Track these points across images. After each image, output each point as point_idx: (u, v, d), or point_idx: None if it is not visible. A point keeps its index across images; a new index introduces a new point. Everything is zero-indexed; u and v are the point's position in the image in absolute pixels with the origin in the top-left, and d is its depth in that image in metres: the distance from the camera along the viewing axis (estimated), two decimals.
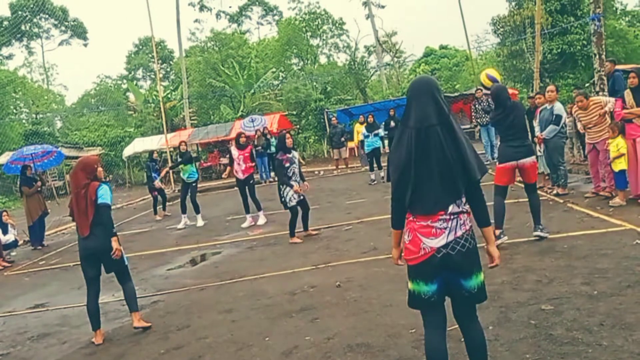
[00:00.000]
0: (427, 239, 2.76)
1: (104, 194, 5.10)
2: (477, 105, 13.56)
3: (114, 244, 5.08)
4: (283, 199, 8.31)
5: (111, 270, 5.29)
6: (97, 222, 5.06)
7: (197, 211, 11.61)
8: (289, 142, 8.37)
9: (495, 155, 13.07)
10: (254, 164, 10.73)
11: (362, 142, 14.78)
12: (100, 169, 5.33)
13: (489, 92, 8.26)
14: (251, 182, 10.49)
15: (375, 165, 13.92)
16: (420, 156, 2.72)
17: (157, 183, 13.87)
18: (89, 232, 5.09)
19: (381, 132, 14.58)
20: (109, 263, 5.18)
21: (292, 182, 8.19)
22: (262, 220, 10.56)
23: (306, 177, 15.65)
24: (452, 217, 2.76)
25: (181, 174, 11.93)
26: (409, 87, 2.88)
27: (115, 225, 5.30)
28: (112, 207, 5.96)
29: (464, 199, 2.81)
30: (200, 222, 11.57)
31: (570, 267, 5.17)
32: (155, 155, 16.10)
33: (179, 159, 11.98)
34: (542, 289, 4.72)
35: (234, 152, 10.58)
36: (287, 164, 8.25)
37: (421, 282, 2.82)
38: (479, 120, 13.62)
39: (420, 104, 2.76)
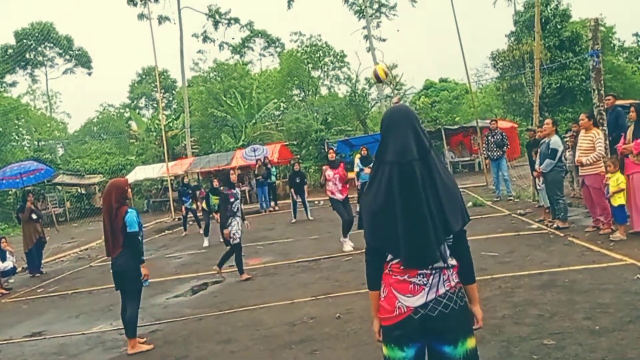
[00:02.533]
0: (403, 296, 2.32)
1: (132, 222, 5.37)
2: (490, 138, 13.14)
3: (143, 270, 5.51)
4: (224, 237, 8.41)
5: (123, 289, 5.56)
6: (126, 246, 5.40)
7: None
8: (233, 177, 8.54)
9: (512, 191, 13.12)
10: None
11: (357, 174, 14.71)
12: (129, 190, 5.68)
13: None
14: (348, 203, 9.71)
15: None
16: (400, 196, 2.27)
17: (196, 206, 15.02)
18: (115, 254, 5.41)
19: None
20: (124, 283, 5.50)
21: (234, 221, 8.33)
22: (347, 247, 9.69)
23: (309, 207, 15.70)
24: (434, 271, 2.32)
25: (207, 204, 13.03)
26: (385, 118, 2.47)
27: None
28: None
29: (448, 252, 2.37)
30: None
31: (572, 301, 5.15)
32: (186, 179, 16.85)
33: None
34: (544, 323, 4.69)
35: (329, 172, 9.77)
36: (232, 199, 8.35)
37: (396, 347, 2.35)
38: (489, 154, 13.21)
39: (398, 135, 2.35)
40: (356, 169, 14.65)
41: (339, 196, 9.63)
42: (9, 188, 16.55)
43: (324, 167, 10.20)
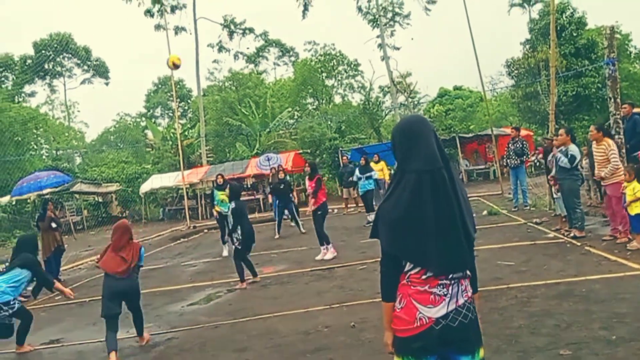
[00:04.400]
0: (424, 307, 2.31)
1: (143, 256, 6.26)
2: (510, 146, 12.94)
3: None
4: None
5: (133, 308, 6.15)
6: (134, 272, 6.08)
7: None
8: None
9: (528, 201, 13.00)
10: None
11: (356, 183, 14.60)
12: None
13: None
14: (319, 212, 10.15)
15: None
16: (433, 203, 2.27)
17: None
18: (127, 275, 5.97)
19: (375, 174, 14.16)
20: (133, 301, 6.10)
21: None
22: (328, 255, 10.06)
23: None
24: (452, 282, 2.33)
25: (218, 207, 12.53)
26: (405, 127, 2.46)
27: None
28: None
29: None
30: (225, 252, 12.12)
31: (589, 311, 5.10)
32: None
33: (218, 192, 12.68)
34: (561, 333, 4.66)
35: (307, 182, 10.68)
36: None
37: (413, 359, 2.35)
38: (509, 161, 13.03)
39: (424, 144, 2.35)
40: (354, 178, 14.55)
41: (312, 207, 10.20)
42: (31, 192, 16.99)
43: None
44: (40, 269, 7.12)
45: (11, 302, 6.41)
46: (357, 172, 14.16)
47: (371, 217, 13.40)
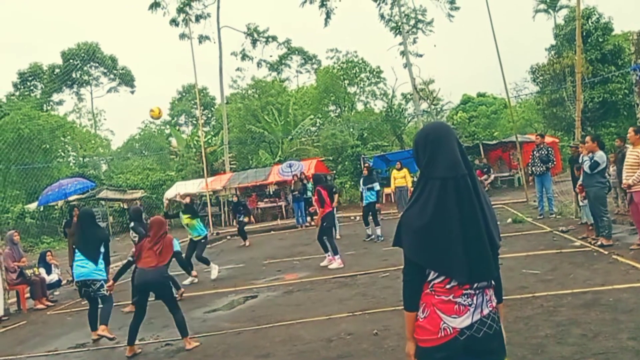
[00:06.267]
0: (448, 317, 2.26)
1: (176, 244, 6.67)
2: (535, 153, 12.68)
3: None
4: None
5: (167, 303, 6.21)
6: (166, 265, 6.29)
7: (207, 262, 10.86)
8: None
9: (554, 208, 12.78)
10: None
11: (361, 194, 14.24)
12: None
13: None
14: (324, 224, 10.25)
15: (370, 218, 12.88)
16: (458, 210, 2.25)
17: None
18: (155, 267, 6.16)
19: (377, 186, 13.25)
20: (160, 294, 6.21)
21: None
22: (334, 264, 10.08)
23: (342, 222, 15.70)
24: (477, 291, 2.29)
25: (188, 231, 11.05)
26: (429, 133, 2.41)
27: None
28: None
29: None
30: (215, 273, 10.69)
31: (616, 321, 5.00)
32: (235, 199, 17.99)
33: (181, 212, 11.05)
34: (588, 343, 4.58)
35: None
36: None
37: None
38: (534, 169, 12.74)
39: (448, 151, 2.32)
40: (360, 189, 14.11)
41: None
42: (57, 200, 17.45)
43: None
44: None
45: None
46: (361, 182, 13.57)
47: (377, 230, 12.73)
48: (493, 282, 2.37)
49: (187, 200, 11.64)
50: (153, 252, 6.23)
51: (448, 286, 2.28)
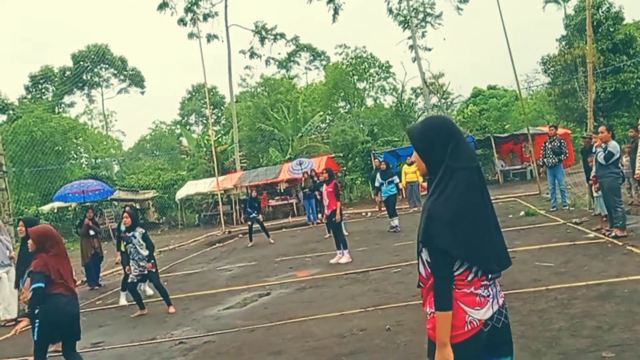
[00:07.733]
0: (472, 309, 2.22)
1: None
2: (547, 144, 12.57)
3: None
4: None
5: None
6: None
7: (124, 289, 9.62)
8: (126, 221, 8.55)
9: (567, 200, 12.66)
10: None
11: (378, 188, 14.38)
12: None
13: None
14: (333, 219, 10.34)
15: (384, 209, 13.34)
16: (479, 201, 2.27)
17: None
18: None
19: (396, 179, 13.86)
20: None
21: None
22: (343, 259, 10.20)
23: (353, 219, 15.72)
24: (491, 282, 2.29)
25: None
26: (448, 125, 2.38)
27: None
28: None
29: None
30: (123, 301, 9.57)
31: (632, 312, 4.95)
32: (254, 194, 17.57)
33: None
34: (603, 335, 4.53)
35: (323, 187, 10.74)
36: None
37: None
38: (545, 160, 12.64)
39: (466, 142, 2.34)
40: (377, 183, 14.31)
41: (327, 212, 10.52)
42: (74, 201, 17.74)
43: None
44: None
45: None
46: (378, 177, 13.93)
47: (395, 222, 13.28)
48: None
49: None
50: None
51: (469, 278, 2.24)
